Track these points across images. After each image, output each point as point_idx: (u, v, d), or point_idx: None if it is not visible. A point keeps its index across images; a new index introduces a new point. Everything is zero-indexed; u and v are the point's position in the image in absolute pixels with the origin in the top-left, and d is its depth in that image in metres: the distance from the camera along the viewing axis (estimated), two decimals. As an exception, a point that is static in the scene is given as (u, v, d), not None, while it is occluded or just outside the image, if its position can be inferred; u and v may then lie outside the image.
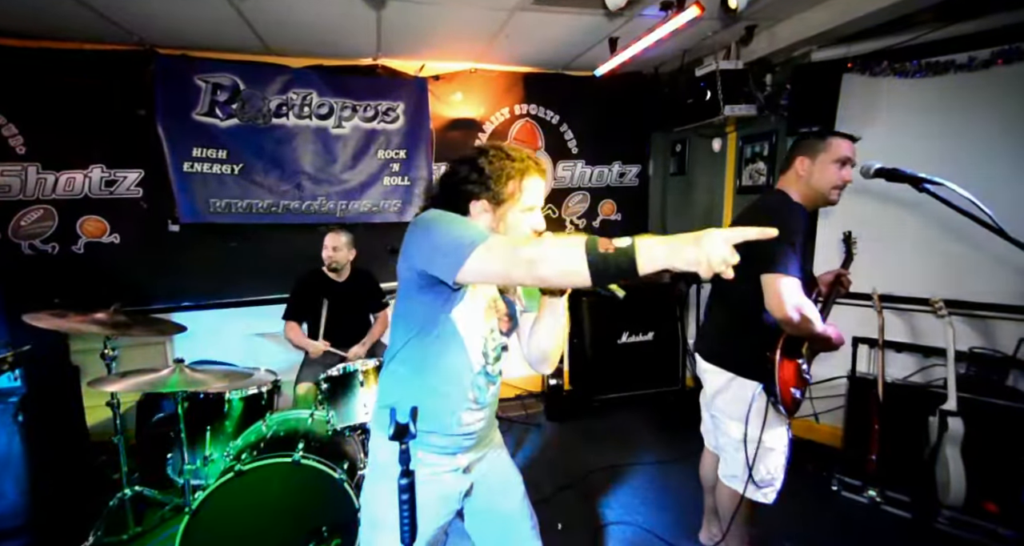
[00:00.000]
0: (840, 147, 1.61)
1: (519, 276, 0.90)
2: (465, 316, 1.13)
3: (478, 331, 1.16)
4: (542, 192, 1.16)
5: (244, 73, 3.05)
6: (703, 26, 2.73)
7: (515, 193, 1.09)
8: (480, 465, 1.26)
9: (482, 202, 1.10)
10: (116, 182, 2.95)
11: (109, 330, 2.02)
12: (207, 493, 1.64)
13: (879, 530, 2.19)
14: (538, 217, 1.14)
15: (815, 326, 1.49)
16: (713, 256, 0.76)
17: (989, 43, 2.24)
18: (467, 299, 1.13)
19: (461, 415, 1.17)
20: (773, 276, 1.48)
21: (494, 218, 1.11)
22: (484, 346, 1.18)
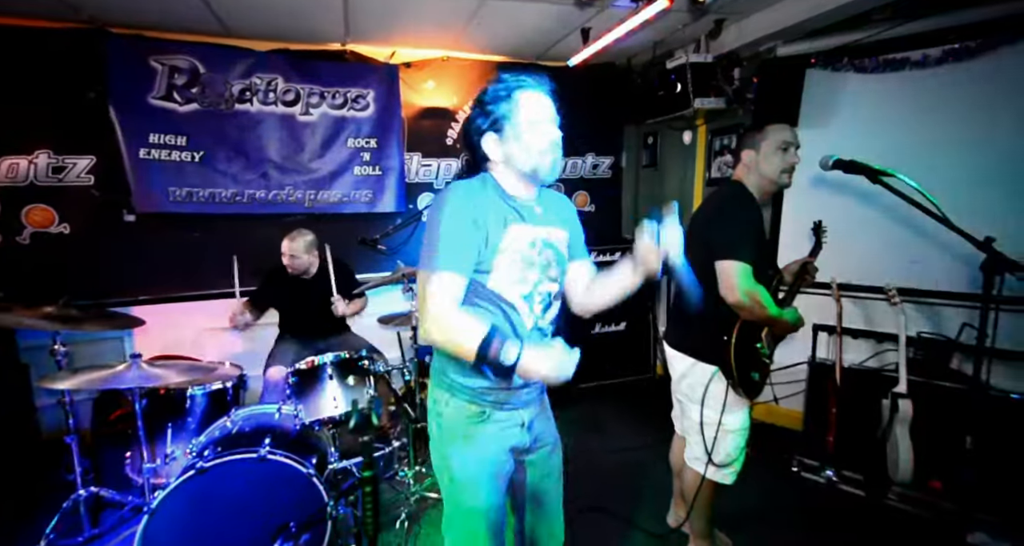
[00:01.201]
0: (780, 133, 1.67)
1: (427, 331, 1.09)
2: (506, 281, 1.15)
3: (517, 287, 1.16)
4: (543, 105, 1.15)
5: (204, 56, 2.92)
6: (673, 18, 2.75)
7: (512, 112, 1.11)
8: (538, 421, 1.30)
9: (487, 135, 1.15)
10: (65, 169, 2.78)
11: (58, 325, 1.92)
12: (167, 492, 1.59)
13: (835, 508, 2.30)
14: (548, 130, 1.14)
15: (768, 310, 1.55)
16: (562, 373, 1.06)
17: (941, 41, 2.34)
18: (506, 264, 1.14)
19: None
20: (725, 262, 1.54)
21: (503, 147, 1.14)
22: (531, 304, 1.19)
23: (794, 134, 1.69)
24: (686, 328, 1.80)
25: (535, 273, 1.18)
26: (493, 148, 1.15)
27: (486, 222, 1.11)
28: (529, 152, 1.12)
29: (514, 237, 1.14)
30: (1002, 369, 2.19)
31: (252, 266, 2.97)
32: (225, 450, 1.73)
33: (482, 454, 1.21)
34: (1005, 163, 2.26)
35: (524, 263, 1.16)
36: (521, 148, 1.12)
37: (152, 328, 2.49)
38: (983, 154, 2.32)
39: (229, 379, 2.19)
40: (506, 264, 1.13)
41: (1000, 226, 1.63)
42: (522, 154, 1.12)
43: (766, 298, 1.55)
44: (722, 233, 1.59)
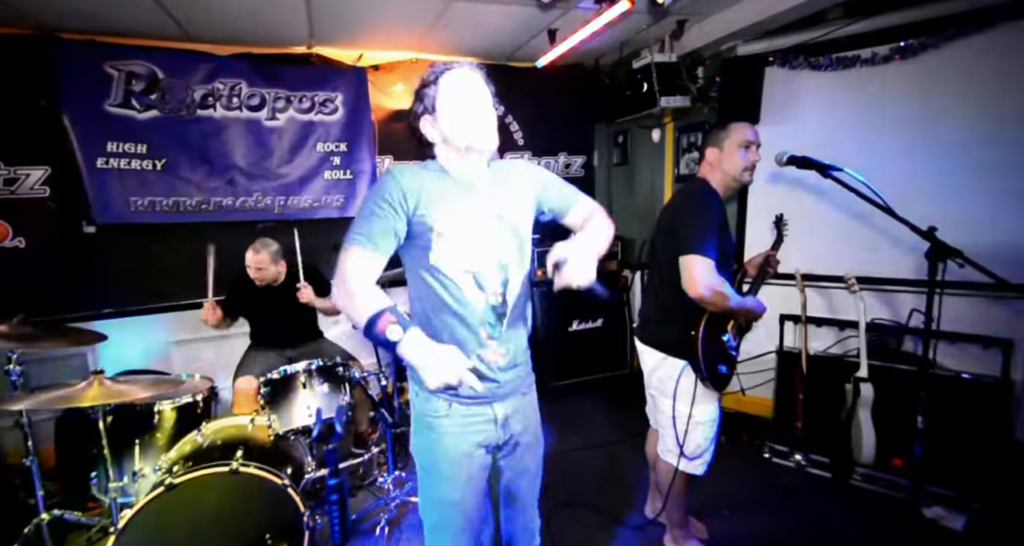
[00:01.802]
0: (742, 132, 1.72)
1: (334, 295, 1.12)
2: (447, 257, 1.14)
3: (459, 263, 1.15)
4: (473, 83, 1.16)
5: (163, 61, 2.84)
6: (635, 19, 2.81)
7: (439, 94, 1.15)
8: (516, 418, 1.26)
9: (423, 118, 1.18)
10: (17, 181, 2.67)
11: (13, 343, 1.85)
12: (135, 511, 1.55)
13: (803, 490, 2.39)
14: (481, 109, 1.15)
15: (731, 302, 1.59)
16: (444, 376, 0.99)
17: (888, 40, 2.44)
18: (444, 239, 1.14)
19: (480, 352, 1.19)
20: (687, 257, 1.58)
21: (439, 128, 1.17)
22: (479, 280, 1.17)
23: (755, 133, 1.74)
24: (655, 324, 1.84)
25: (483, 248, 1.17)
26: (430, 130, 1.19)
27: (417, 200, 1.12)
28: (461, 127, 1.14)
29: (449, 212, 1.14)
30: (951, 350, 2.31)
31: (222, 276, 2.90)
32: (196, 464, 1.69)
33: (444, 448, 1.21)
34: (948, 154, 2.38)
35: (466, 238, 1.15)
36: (453, 125, 1.15)
37: (116, 342, 2.42)
38: (928, 146, 2.43)
39: (199, 392, 2.14)
40: (445, 239, 1.14)
41: (943, 215, 1.72)
42: (455, 130, 1.15)
43: (729, 290, 1.60)
44: (685, 229, 1.63)
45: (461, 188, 1.18)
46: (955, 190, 2.35)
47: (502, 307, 1.20)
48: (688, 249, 1.58)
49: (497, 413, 1.23)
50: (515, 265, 1.22)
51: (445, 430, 1.21)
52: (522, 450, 1.31)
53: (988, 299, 2.24)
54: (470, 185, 1.20)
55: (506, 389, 1.24)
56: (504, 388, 1.23)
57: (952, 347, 2.31)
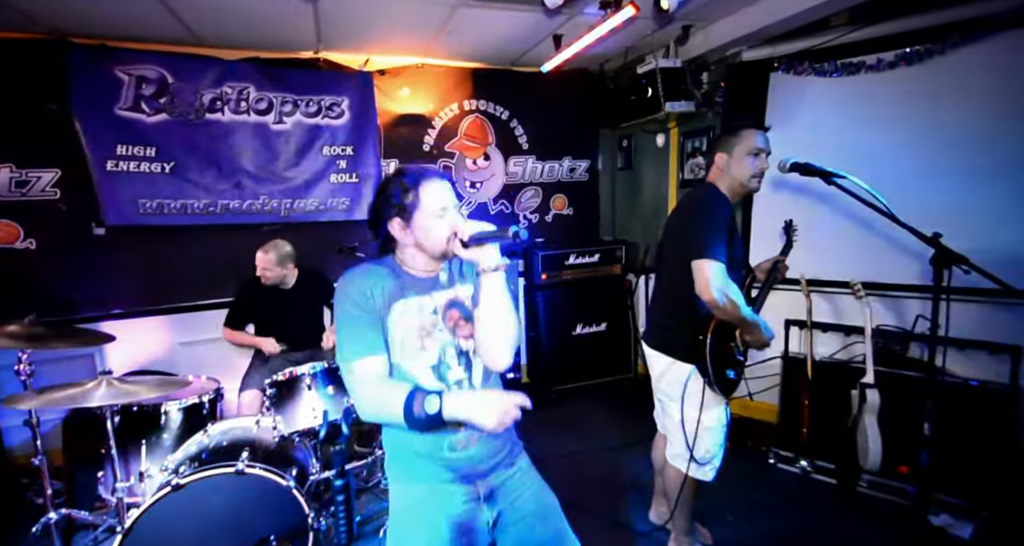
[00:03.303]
0: (753, 139, 1.71)
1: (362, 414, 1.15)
2: (405, 357, 1.17)
3: (419, 358, 1.18)
4: (445, 192, 1.18)
5: (172, 65, 2.87)
6: (641, 25, 2.82)
7: (416, 201, 1.16)
8: (504, 491, 1.23)
9: (394, 220, 1.18)
10: (29, 183, 2.71)
11: (25, 343, 1.87)
12: (142, 510, 1.56)
13: (809, 497, 2.38)
14: (452, 218, 1.17)
15: (741, 310, 1.59)
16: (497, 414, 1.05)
17: (893, 46, 2.45)
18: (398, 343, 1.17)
19: (451, 440, 1.17)
20: (700, 261, 1.57)
21: (409, 231, 1.18)
22: (441, 372, 1.19)
23: (766, 140, 1.72)
24: (663, 328, 1.83)
25: (439, 339, 1.19)
26: (400, 233, 1.19)
27: (375, 304, 1.15)
28: (435, 239, 1.16)
29: (401, 312, 1.17)
30: (958, 357, 2.29)
31: (228, 277, 2.93)
32: (202, 465, 1.71)
33: (430, 536, 1.15)
34: (953, 160, 2.38)
35: (420, 333, 1.18)
36: (428, 235, 1.16)
37: (124, 343, 2.44)
38: (933, 152, 2.43)
39: (205, 393, 2.15)
40: (399, 339, 1.16)
41: (949, 220, 1.72)
42: (427, 240, 1.17)
43: (740, 298, 1.59)
44: (696, 233, 1.63)
45: (418, 287, 1.20)
46: (961, 196, 2.35)
47: (483, 385, 1.23)
48: (699, 253, 1.57)
49: (480, 490, 1.20)
50: (475, 347, 1.23)
51: (425, 516, 1.17)
52: (526, 522, 1.23)
53: (995, 305, 2.23)
54: (427, 281, 1.22)
55: (486, 466, 1.20)
56: (482, 466, 1.20)
57: (959, 354, 2.29)
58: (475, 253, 1.14)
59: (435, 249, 1.17)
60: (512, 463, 1.27)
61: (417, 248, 1.19)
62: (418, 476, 1.20)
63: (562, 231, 4.01)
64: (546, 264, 3.57)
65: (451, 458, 1.17)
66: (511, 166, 3.82)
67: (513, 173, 3.84)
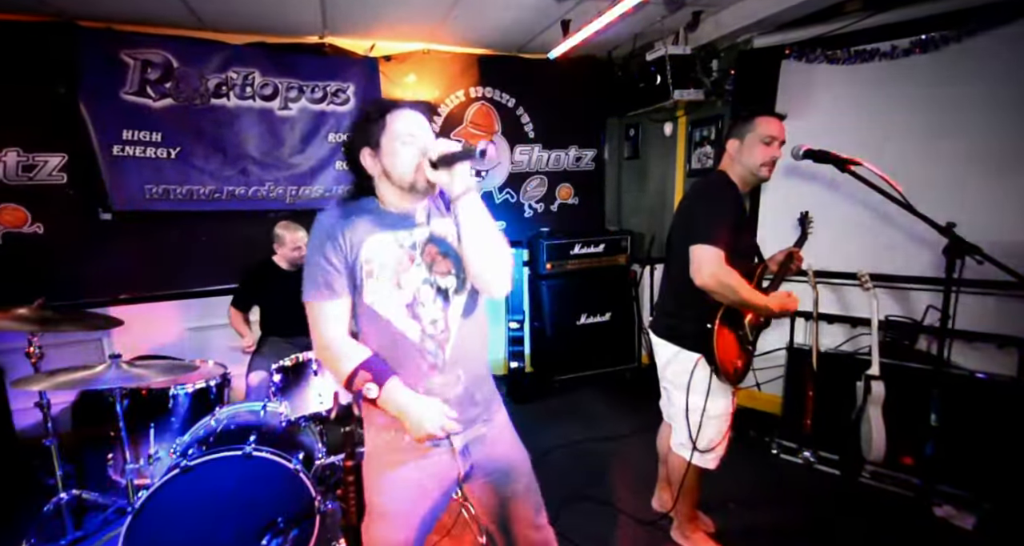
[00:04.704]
0: (766, 126, 1.67)
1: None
2: (378, 295, 1.14)
3: (394, 295, 1.14)
4: (415, 119, 1.16)
5: (178, 49, 2.85)
6: (651, 10, 2.78)
7: (382, 128, 1.14)
8: (478, 445, 1.22)
9: (364, 150, 1.17)
10: (36, 167, 2.71)
11: (34, 326, 1.88)
12: (151, 491, 1.58)
13: (812, 487, 2.39)
14: (421, 145, 1.13)
15: (741, 293, 1.57)
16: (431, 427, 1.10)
17: (908, 33, 2.40)
18: (374, 278, 1.13)
19: (426, 385, 1.15)
20: (697, 246, 1.57)
21: (379, 160, 1.16)
22: (413, 310, 1.15)
23: (781, 129, 1.68)
24: (670, 317, 1.83)
25: (415, 276, 1.16)
26: (370, 163, 1.16)
27: (347, 242, 1.13)
28: (404, 166, 1.12)
29: (375, 248, 1.13)
30: (965, 349, 2.28)
31: (234, 263, 2.94)
32: (210, 448, 1.72)
33: (394, 484, 1.16)
34: (967, 149, 2.34)
35: (395, 269, 1.14)
36: (395, 162, 1.13)
37: (132, 328, 2.46)
38: (947, 142, 2.39)
39: (212, 378, 2.17)
40: (374, 275, 1.13)
41: (963, 211, 1.70)
42: (397, 168, 1.13)
43: (737, 281, 1.57)
44: (697, 219, 1.62)
45: (396, 222, 1.17)
46: (974, 187, 2.31)
47: (443, 334, 1.17)
48: (698, 238, 1.57)
49: (455, 443, 1.18)
50: (455, 287, 1.19)
51: (396, 461, 1.17)
52: (496, 477, 1.25)
53: (1003, 297, 2.20)
54: (402, 217, 1.19)
55: (463, 418, 1.17)
56: (466, 415, 1.18)
57: (966, 346, 2.28)
58: (444, 176, 1.08)
59: (403, 178, 1.13)
60: (489, 420, 1.25)
61: (386, 178, 1.15)
62: (392, 426, 1.16)
63: (567, 221, 3.99)
64: (551, 253, 3.56)
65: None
66: (517, 155, 3.79)
67: (519, 162, 3.81)
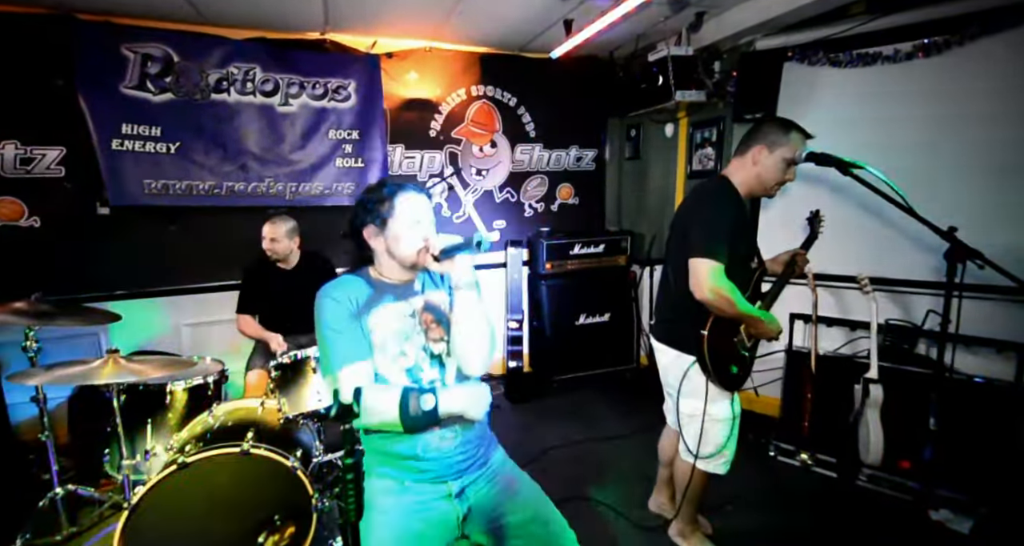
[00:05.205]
0: (797, 147, 1.63)
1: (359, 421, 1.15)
2: (385, 365, 1.21)
3: (397, 362, 1.22)
4: (421, 205, 1.24)
5: (178, 44, 2.83)
6: (654, 11, 2.77)
7: (391, 211, 1.22)
8: (475, 487, 1.26)
9: (369, 228, 1.25)
10: (34, 160, 2.69)
11: (31, 320, 1.88)
12: (148, 487, 1.57)
13: (808, 489, 2.39)
14: (424, 230, 1.23)
15: (738, 308, 1.57)
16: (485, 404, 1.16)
17: (911, 36, 2.40)
18: (379, 349, 1.21)
19: (425, 442, 1.21)
20: (696, 260, 1.57)
21: (383, 239, 1.24)
22: (414, 374, 1.23)
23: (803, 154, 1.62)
24: (669, 322, 1.82)
25: (415, 341, 1.24)
26: (375, 240, 1.25)
27: (355, 311, 1.20)
28: (407, 249, 1.22)
29: (380, 319, 1.22)
30: (963, 353, 2.28)
31: (233, 260, 2.93)
32: (207, 445, 1.72)
33: (393, 531, 1.17)
34: (969, 154, 2.34)
35: (399, 337, 1.23)
36: (399, 244, 1.22)
37: (129, 323, 2.44)
38: (949, 146, 2.39)
39: (210, 374, 2.16)
40: (379, 344, 1.21)
41: (964, 215, 1.69)
42: (400, 250, 1.23)
43: (736, 296, 1.57)
44: (696, 231, 1.61)
45: (397, 293, 1.26)
46: (976, 191, 2.31)
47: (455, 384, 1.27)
48: (697, 252, 1.57)
49: (451, 488, 1.23)
50: (447, 352, 1.27)
51: (395, 511, 1.19)
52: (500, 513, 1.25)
53: (1002, 302, 2.21)
54: (402, 288, 1.27)
55: (460, 466, 1.24)
56: (457, 466, 1.24)
57: (965, 350, 2.28)
58: (447, 266, 1.19)
59: (405, 259, 1.23)
60: (485, 462, 1.31)
61: (388, 256, 1.25)
62: (391, 474, 1.24)
63: (567, 221, 3.99)
64: (551, 253, 3.55)
65: (425, 458, 1.21)
66: (518, 154, 3.78)
67: (520, 161, 3.80)
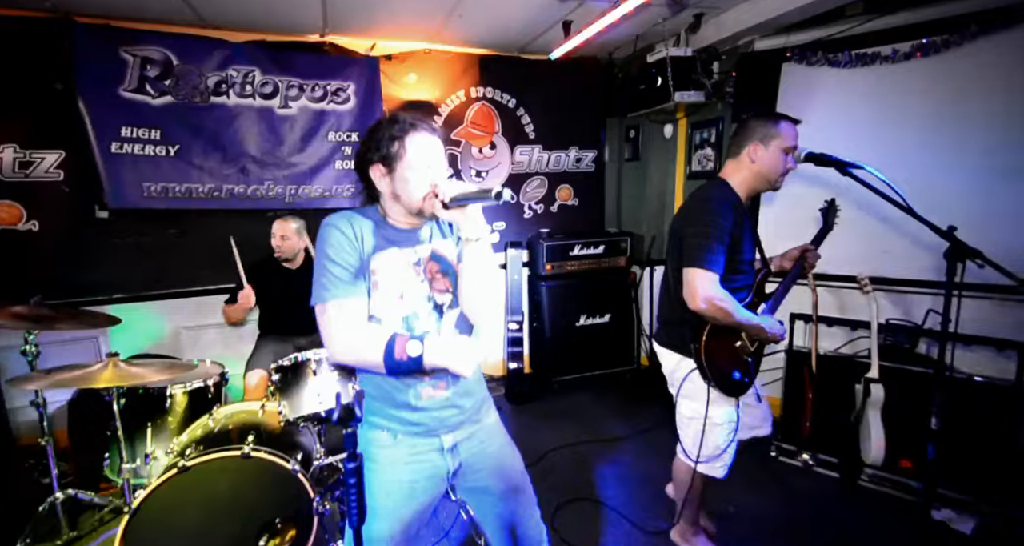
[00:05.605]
0: (790, 135, 1.63)
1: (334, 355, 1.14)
2: (382, 306, 1.17)
3: (395, 308, 1.17)
4: (433, 149, 1.16)
5: (177, 47, 2.83)
6: (653, 12, 2.78)
7: (400, 152, 1.13)
8: (468, 444, 1.25)
9: (376, 166, 1.17)
10: (32, 163, 2.69)
11: (30, 325, 1.87)
12: (148, 491, 1.57)
13: (810, 490, 2.39)
14: (434, 174, 1.15)
15: (735, 317, 1.56)
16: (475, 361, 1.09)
17: (909, 36, 2.40)
18: (379, 289, 1.17)
19: (418, 390, 1.19)
20: (689, 270, 1.57)
21: (391, 180, 1.16)
22: (410, 323, 1.19)
23: (798, 136, 1.64)
24: (671, 325, 1.81)
25: (417, 290, 1.20)
26: (380, 181, 1.18)
27: (363, 245, 1.16)
28: (414, 194, 1.15)
29: (383, 262, 1.17)
30: (963, 353, 2.28)
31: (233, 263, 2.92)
32: (207, 448, 1.71)
33: (384, 481, 1.18)
34: (968, 153, 2.34)
35: (400, 284, 1.18)
36: (407, 188, 1.15)
37: (129, 326, 2.44)
38: (948, 146, 2.39)
39: (210, 377, 2.16)
40: (380, 289, 1.16)
41: (964, 214, 1.70)
42: (407, 194, 1.15)
43: (732, 306, 1.56)
44: (691, 240, 1.59)
45: (402, 238, 1.21)
46: (975, 191, 2.32)
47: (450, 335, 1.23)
48: (691, 262, 1.56)
49: (445, 442, 1.22)
50: (450, 302, 1.24)
51: (387, 461, 1.19)
52: (485, 474, 1.27)
53: (1002, 301, 2.21)
54: (408, 234, 1.22)
55: (453, 420, 1.23)
56: (450, 420, 1.22)
57: (965, 349, 2.28)
58: (456, 215, 1.12)
59: (411, 204, 1.16)
60: (478, 420, 1.28)
61: (394, 199, 1.17)
62: (382, 423, 1.21)
63: (567, 222, 3.99)
64: (550, 255, 3.55)
65: (418, 407, 1.18)
66: (517, 155, 3.79)
67: (519, 162, 3.81)
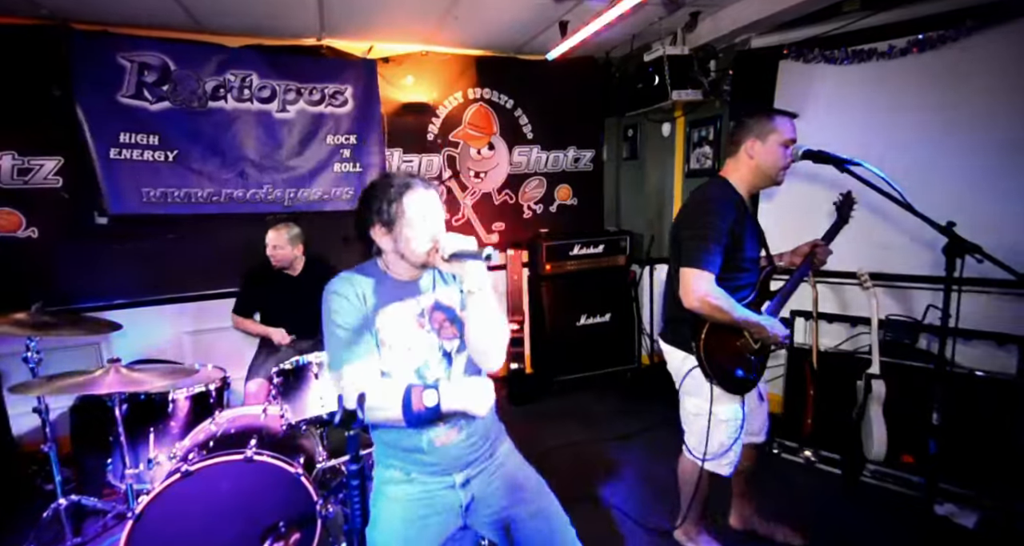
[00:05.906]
0: (787, 128, 1.63)
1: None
2: (393, 362, 1.21)
3: (405, 360, 1.21)
4: (430, 203, 1.21)
5: (174, 52, 2.84)
6: (649, 11, 2.78)
7: (399, 212, 1.18)
8: (480, 478, 1.27)
9: (376, 227, 1.21)
10: (31, 170, 2.69)
11: (31, 331, 1.87)
12: (152, 496, 1.57)
13: (813, 487, 2.39)
14: (434, 228, 1.20)
15: (732, 315, 1.56)
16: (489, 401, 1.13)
17: (906, 32, 2.40)
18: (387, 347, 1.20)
19: (431, 436, 1.21)
20: (685, 270, 1.57)
21: (391, 238, 1.21)
22: (421, 373, 1.23)
23: (795, 130, 1.64)
24: (675, 323, 1.81)
25: (425, 341, 1.23)
26: (383, 239, 1.22)
27: (363, 308, 1.19)
28: (418, 249, 1.19)
29: (388, 316, 1.21)
30: (964, 347, 2.28)
31: (232, 266, 2.93)
32: (210, 452, 1.71)
33: (395, 517, 1.20)
34: (965, 149, 2.34)
35: (407, 336, 1.22)
36: (409, 245, 1.19)
37: (130, 332, 2.44)
38: (946, 141, 2.39)
39: (212, 381, 2.16)
40: (387, 343, 1.20)
41: (962, 209, 1.70)
42: (410, 250, 1.19)
43: (729, 305, 1.56)
44: (688, 241, 1.60)
45: (405, 291, 1.25)
46: (973, 186, 2.32)
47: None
48: (687, 262, 1.57)
49: (456, 479, 1.24)
50: (458, 348, 1.27)
51: (400, 497, 1.22)
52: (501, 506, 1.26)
53: (1002, 296, 2.21)
54: (411, 286, 1.26)
55: (465, 459, 1.25)
56: (462, 459, 1.24)
57: (965, 344, 2.28)
58: (457, 268, 1.17)
59: (415, 259, 1.21)
60: (492, 455, 1.31)
61: (398, 255, 1.22)
62: (398, 466, 1.25)
63: (566, 221, 3.99)
64: (550, 254, 3.56)
65: (430, 451, 1.21)
66: (516, 156, 3.79)
67: (518, 163, 3.81)
